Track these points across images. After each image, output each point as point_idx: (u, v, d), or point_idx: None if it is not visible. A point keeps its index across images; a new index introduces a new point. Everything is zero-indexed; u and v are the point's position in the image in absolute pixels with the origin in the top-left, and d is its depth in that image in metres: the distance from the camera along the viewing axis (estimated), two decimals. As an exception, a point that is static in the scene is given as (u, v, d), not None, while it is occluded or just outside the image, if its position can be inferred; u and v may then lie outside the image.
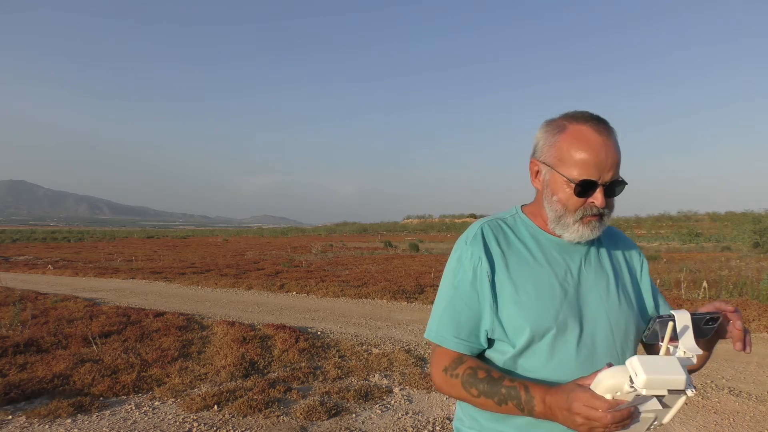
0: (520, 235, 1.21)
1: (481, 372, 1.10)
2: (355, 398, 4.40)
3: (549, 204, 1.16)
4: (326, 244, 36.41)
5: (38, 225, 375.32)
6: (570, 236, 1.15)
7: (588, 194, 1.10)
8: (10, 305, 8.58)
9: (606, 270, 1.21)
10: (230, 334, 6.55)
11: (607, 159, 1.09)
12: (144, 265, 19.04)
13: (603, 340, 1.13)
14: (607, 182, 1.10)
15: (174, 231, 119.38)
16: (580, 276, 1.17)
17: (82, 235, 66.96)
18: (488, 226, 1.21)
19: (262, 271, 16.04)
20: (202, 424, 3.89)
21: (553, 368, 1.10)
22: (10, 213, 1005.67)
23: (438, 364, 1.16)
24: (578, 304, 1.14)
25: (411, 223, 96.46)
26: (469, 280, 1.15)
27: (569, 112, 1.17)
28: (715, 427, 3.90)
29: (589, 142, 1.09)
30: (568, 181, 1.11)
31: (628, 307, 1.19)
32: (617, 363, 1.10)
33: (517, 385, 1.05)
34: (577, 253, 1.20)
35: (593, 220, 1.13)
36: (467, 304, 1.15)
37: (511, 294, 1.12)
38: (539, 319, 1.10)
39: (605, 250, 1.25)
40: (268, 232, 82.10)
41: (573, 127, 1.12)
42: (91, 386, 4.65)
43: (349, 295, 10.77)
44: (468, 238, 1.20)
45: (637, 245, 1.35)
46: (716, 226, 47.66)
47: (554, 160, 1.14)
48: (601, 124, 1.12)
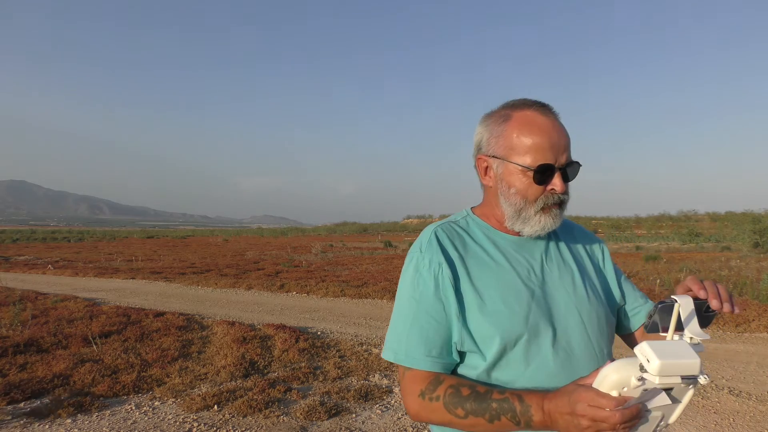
0: (476, 237, 1.13)
1: (464, 389, 0.98)
2: (355, 398, 4.40)
3: (506, 198, 1.08)
4: (326, 244, 36.41)
5: (38, 225, 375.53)
6: (531, 229, 1.08)
7: (547, 181, 1.04)
8: (10, 305, 8.57)
9: (569, 264, 1.15)
10: (230, 334, 6.55)
11: (560, 140, 1.04)
12: (144, 265, 19.04)
13: (578, 338, 1.06)
14: (563, 165, 1.05)
15: (174, 231, 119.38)
16: (544, 273, 1.10)
17: (82, 235, 66.97)
18: (441, 229, 1.12)
19: (262, 271, 16.04)
20: (202, 424, 3.89)
21: (532, 376, 1.01)
22: (10, 213, 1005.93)
23: (411, 390, 1.03)
24: (547, 303, 1.06)
25: (411, 223, 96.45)
26: (431, 291, 1.04)
27: (508, 102, 1.11)
28: (715, 427, 3.90)
29: (539, 126, 1.04)
30: (525, 169, 1.04)
31: (597, 300, 1.12)
32: (597, 361, 1.06)
33: (508, 397, 0.94)
34: (536, 249, 1.13)
35: (554, 208, 1.07)
36: (433, 316, 1.04)
37: (475, 301, 1.03)
38: (509, 325, 1.02)
39: (563, 243, 1.18)
40: (268, 232, 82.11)
41: (518, 114, 1.07)
42: (91, 386, 4.65)
43: (349, 295, 10.77)
44: (422, 244, 1.10)
45: (596, 235, 1.28)
46: (716, 226, 47.64)
47: (504, 150, 1.07)
48: (545, 108, 1.07)
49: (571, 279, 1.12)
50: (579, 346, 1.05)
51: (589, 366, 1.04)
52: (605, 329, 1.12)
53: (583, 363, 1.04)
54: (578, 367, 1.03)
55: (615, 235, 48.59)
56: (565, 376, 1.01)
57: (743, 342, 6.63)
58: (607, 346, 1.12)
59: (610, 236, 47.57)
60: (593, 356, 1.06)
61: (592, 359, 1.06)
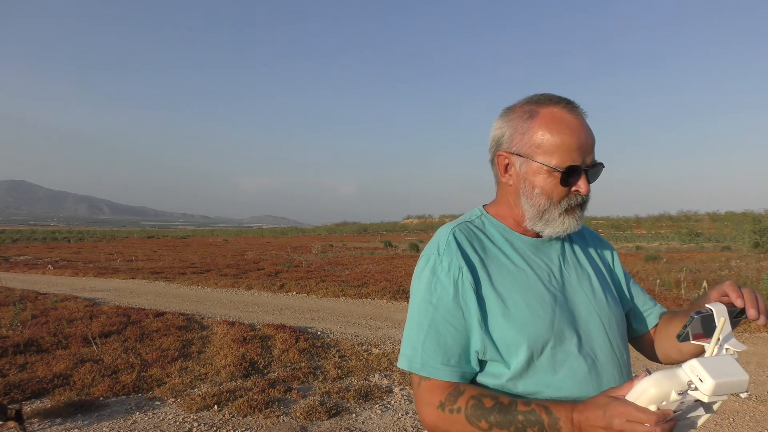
0: (494, 238, 1.07)
1: (487, 400, 0.93)
2: (355, 398, 4.40)
3: (528, 199, 1.03)
4: (326, 244, 36.40)
5: (38, 225, 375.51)
6: (554, 231, 1.03)
7: (572, 182, 1.00)
8: (10, 305, 8.58)
9: (585, 267, 1.11)
10: (230, 334, 6.55)
11: (587, 140, 1.00)
12: (144, 265, 19.04)
13: (601, 344, 1.02)
14: (589, 166, 1.01)
15: (174, 231, 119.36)
16: (563, 277, 1.07)
17: (82, 235, 66.98)
18: (459, 230, 1.06)
19: (262, 271, 16.04)
20: (202, 424, 3.89)
21: (560, 384, 0.97)
22: (10, 213, 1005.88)
23: (429, 401, 0.97)
24: (569, 308, 1.03)
25: (411, 223, 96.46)
26: (450, 295, 0.98)
27: (532, 97, 1.05)
28: (715, 427, 3.90)
29: (568, 125, 0.99)
30: (551, 170, 0.99)
31: (615, 304, 1.10)
32: (619, 366, 1.03)
33: (535, 408, 0.89)
34: (553, 252, 1.09)
35: (577, 210, 1.03)
36: (451, 323, 0.98)
37: (498, 307, 0.98)
38: (535, 331, 0.97)
39: (578, 246, 1.15)
40: (268, 232, 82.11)
41: (545, 110, 1.01)
42: (91, 386, 4.65)
43: (349, 295, 10.77)
44: (440, 246, 1.04)
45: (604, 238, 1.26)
46: (716, 226, 47.64)
47: (529, 148, 1.01)
48: (573, 105, 1.02)
49: (589, 283, 1.09)
50: (602, 352, 1.02)
51: (613, 372, 1.02)
52: (624, 334, 1.10)
53: (607, 369, 1.01)
54: (603, 373, 1.00)
55: (615, 235, 48.59)
56: (593, 383, 0.98)
57: (743, 342, 6.63)
58: (627, 350, 1.10)
59: (610, 236, 47.57)
60: (615, 361, 1.03)
61: (615, 365, 1.03)
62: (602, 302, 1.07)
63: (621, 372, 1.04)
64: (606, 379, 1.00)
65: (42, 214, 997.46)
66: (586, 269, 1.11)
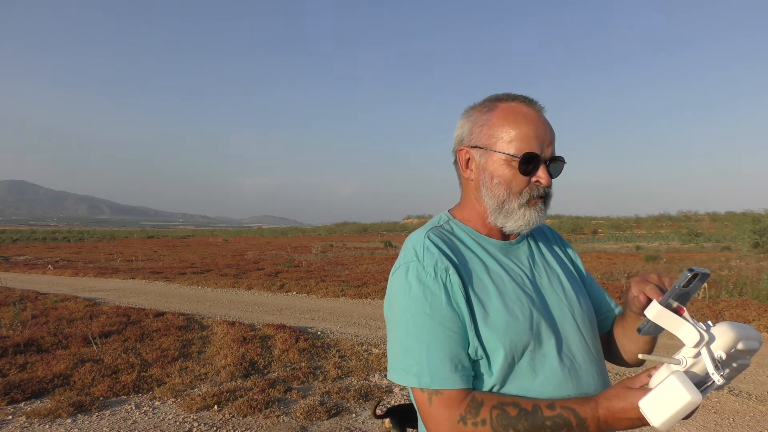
0: (466, 242, 1.05)
1: (510, 408, 0.89)
2: (355, 398, 4.40)
3: (488, 190, 1.03)
4: (326, 244, 36.41)
5: (38, 225, 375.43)
6: (515, 224, 1.03)
7: (532, 171, 1.00)
8: (10, 305, 8.58)
9: (553, 267, 1.11)
10: (230, 334, 6.55)
11: (546, 132, 1.01)
12: (144, 265, 19.04)
13: (578, 344, 1.02)
14: (548, 158, 1.01)
15: (174, 231, 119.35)
16: (535, 279, 1.06)
17: (82, 235, 66.99)
18: (433, 234, 1.03)
19: (262, 271, 16.04)
20: (202, 424, 3.89)
21: (540, 388, 0.95)
22: (10, 213, 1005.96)
23: (447, 417, 0.90)
24: (545, 309, 1.02)
25: (411, 223, 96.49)
26: (443, 301, 0.95)
27: (492, 95, 1.07)
28: (715, 427, 3.90)
29: (525, 115, 1.01)
30: (510, 157, 1.00)
31: (585, 303, 1.10)
32: (596, 364, 1.03)
33: (561, 412, 0.88)
34: (522, 253, 1.09)
35: (539, 202, 1.03)
36: (451, 328, 0.94)
37: (480, 312, 0.96)
38: (515, 335, 0.95)
39: (543, 245, 1.15)
40: (268, 232, 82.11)
41: (503, 104, 1.04)
42: (91, 386, 4.65)
43: (349, 295, 10.77)
44: (417, 252, 1.00)
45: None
46: (716, 226, 47.67)
47: (489, 139, 1.03)
48: (531, 101, 1.04)
49: (560, 282, 1.09)
50: (579, 351, 1.02)
51: (591, 371, 1.02)
52: (597, 332, 1.10)
53: (585, 368, 1.01)
54: (582, 373, 1.00)
55: (615, 235, 48.58)
56: (573, 385, 0.97)
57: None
58: (600, 348, 1.10)
59: (611, 236, 47.57)
60: (593, 360, 1.03)
61: (593, 364, 1.03)
62: (574, 301, 1.07)
63: (599, 371, 1.04)
64: (585, 380, 0.99)
65: (42, 214, 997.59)
66: (555, 269, 1.11)
